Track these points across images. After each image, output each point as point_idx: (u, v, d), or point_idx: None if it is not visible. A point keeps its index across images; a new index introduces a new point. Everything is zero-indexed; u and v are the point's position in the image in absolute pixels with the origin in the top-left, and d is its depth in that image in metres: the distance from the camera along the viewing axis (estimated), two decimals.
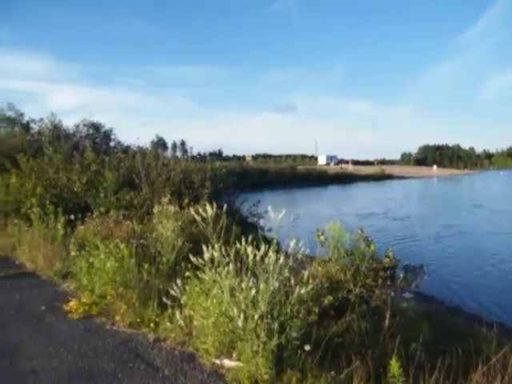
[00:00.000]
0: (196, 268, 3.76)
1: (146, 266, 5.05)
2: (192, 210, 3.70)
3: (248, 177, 43.23)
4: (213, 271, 3.44)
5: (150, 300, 4.58)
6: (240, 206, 11.21)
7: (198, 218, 3.49)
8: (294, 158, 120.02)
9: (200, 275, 3.63)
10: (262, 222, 11.11)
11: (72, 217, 7.57)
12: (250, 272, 3.32)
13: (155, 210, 7.44)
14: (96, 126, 19.84)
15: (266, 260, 3.33)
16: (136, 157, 10.67)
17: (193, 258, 3.54)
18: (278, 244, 3.50)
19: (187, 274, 3.96)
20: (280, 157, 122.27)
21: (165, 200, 7.78)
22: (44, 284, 6.09)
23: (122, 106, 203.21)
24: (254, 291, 3.23)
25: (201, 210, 3.49)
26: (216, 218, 3.59)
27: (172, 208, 7.32)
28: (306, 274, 3.58)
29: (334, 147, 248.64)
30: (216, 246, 3.39)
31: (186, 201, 9.01)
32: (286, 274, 3.38)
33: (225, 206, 3.75)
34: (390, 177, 73.25)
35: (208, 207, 3.44)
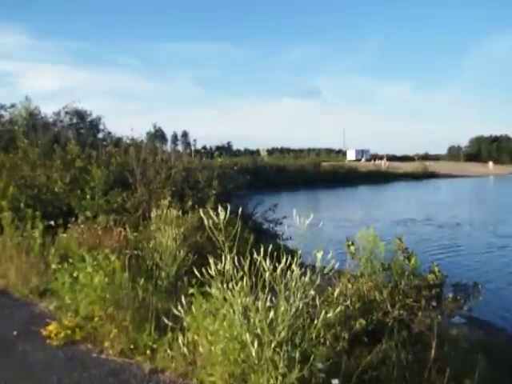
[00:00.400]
0: (201, 284, 3.76)
1: (142, 281, 5.08)
2: (201, 213, 3.71)
3: (263, 175, 43.40)
4: (223, 287, 3.46)
5: (146, 322, 4.62)
6: (254, 210, 11.34)
7: (207, 222, 3.52)
8: (318, 152, 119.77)
9: (207, 292, 3.65)
10: (278, 229, 11.17)
11: (52, 223, 7.72)
12: (267, 289, 3.31)
13: (153, 214, 7.51)
14: (81, 114, 20.13)
15: (288, 275, 3.35)
16: (129, 151, 10.86)
17: (198, 272, 3.61)
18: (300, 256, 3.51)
19: (191, 290, 3.97)
20: (301, 151, 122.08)
21: (164, 203, 7.89)
22: (17, 303, 6.10)
23: (112, 90, 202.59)
24: (272, 312, 3.22)
25: (212, 214, 3.53)
26: (226, 224, 3.60)
27: (173, 212, 7.40)
28: (334, 292, 3.60)
29: (366, 139, 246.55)
30: (228, 256, 3.42)
31: (190, 204, 9.18)
32: (312, 292, 3.40)
33: (239, 210, 3.77)
34: (434, 175, 72.72)
35: (221, 210, 3.48)
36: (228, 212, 3.54)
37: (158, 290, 5.26)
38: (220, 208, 3.51)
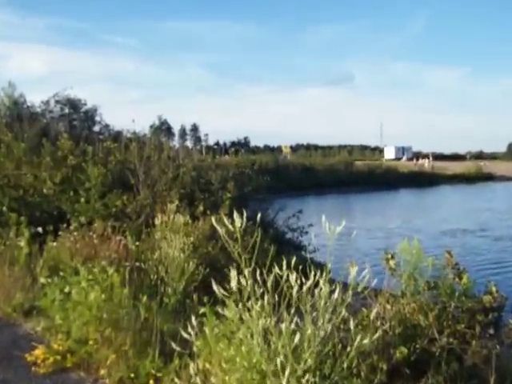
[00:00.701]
0: (214, 302, 3.76)
1: (145, 298, 5.09)
2: (214, 220, 3.68)
3: (285, 176, 43.44)
4: (240, 306, 3.42)
5: (148, 346, 4.64)
6: (275, 216, 11.46)
7: (221, 230, 3.53)
8: (350, 149, 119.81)
9: (221, 311, 3.63)
10: (303, 239, 11.13)
11: (40, 229, 7.79)
12: (292, 309, 3.30)
13: (157, 220, 7.55)
14: (74, 104, 20.32)
15: (316, 293, 3.35)
16: (131, 147, 10.99)
17: (211, 288, 3.58)
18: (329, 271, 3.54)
19: (202, 309, 4.01)
20: (330, 148, 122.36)
21: (171, 207, 7.99)
22: None
23: (109, 75, 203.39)
24: (297, 337, 3.20)
25: (226, 221, 3.53)
26: (243, 232, 3.57)
27: (181, 218, 7.47)
28: (370, 314, 3.58)
29: (408, 135, 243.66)
30: (246, 270, 3.41)
31: (201, 208, 9.33)
32: (344, 313, 3.39)
33: (258, 217, 3.78)
34: (490, 177, 71.70)
35: (237, 217, 3.44)
36: (245, 219, 3.50)
37: (163, 308, 5.30)
38: (236, 214, 3.46)
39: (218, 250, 7.86)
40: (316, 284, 3.38)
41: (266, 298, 3.36)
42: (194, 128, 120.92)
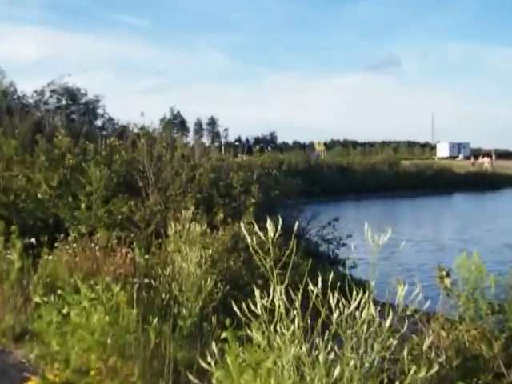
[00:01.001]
0: (237, 325, 3.76)
1: (155, 321, 5.06)
2: (242, 226, 3.69)
3: (319, 178, 43.36)
4: (268, 330, 3.41)
5: (160, 378, 4.62)
6: (307, 225, 11.45)
7: (250, 240, 3.51)
8: (396, 146, 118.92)
9: (245, 337, 3.65)
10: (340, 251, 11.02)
11: (34, 240, 7.78)
12: (329, 335, 3.29)
13: (170, 230, 7.51)
14: (72, 94, 20.39)
15: (358, 316, 3.31)
16: (139, 144, 11.14)
17: (233, 309, 3.58)
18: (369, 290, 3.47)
19: (223, 334, 3.99)
20: (372, 145, 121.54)
21: (186, 214, 7.92)
22: None
23: (114, 60, 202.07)
24: (338, 369, 3.18)
25: (257, 229, 3.50)
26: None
27: (198, 227, 7.37)
28: (422, 342, 3.54)
29: (464, 129, 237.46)
30: (278, 288, 3.37)
31: (221, 216, 9.45)
32: (391, 341, 3.35)
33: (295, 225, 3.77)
34: None
35: (270, 224, 3.44)
36: (279, 227, 3.50)
37: (176, 333, 5.31)
38: (270, 223, 3.44)
39: (241, 264, 7.88)
40: (357, 305, 3.33)
41: (297, 320, 3.33)
42: (212, 122, 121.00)
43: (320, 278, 3.37)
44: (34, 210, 9.79)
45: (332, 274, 3.48)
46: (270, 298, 3.43)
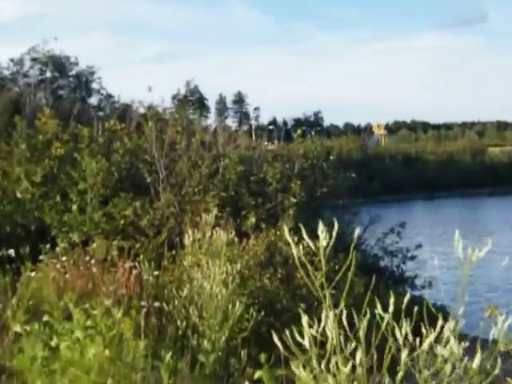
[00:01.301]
0: (276, 362, 3.75)
1: (169, 356, 4.90)
2: (286, 232, 3.17)
3: (378, 171, 42.76)
4: (316, 368, 3.04)
5: None
6: (363, 232, 10.78)
7: (296, 251, 3.00)
8: (481, 129, 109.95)
9: (286, 376, 3.69)
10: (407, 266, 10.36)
11: (12, 252, 7.40)
12: (401, 375, 2.99)
13: (187, 238, 7.21)
14: (59, 64, 19.48)
15: (437, 352, 2.98)
16: (146, 128, 10.49)
17: (270, 340, 3.28)
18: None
19: (258, 373, 3.98)
20: (449, 128, 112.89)
21: (207, 218, 7.61)
22: None
23: (112, 21, 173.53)
24: None
25: (305, 236, 2.94)
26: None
27: (222, 236, 7.09)
28: None
29: None
30: (331, 313, 2.97)
31: (252, 220, 9.18)
32: None
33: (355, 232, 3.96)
34: None
35: (322, 232, 2.91)
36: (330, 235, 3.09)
37: (196, 371, 5.13)
38: (322, 229, 2.95)
39: (278, 282, 7.60)
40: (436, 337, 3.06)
41: (360, 355, 2.99)
42: (239, 99, 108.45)
43: (392, 301, 2.96)
44: (12, 214, 9.32)
45: (397, 295, 3.17)
46: (322, 326, 3.05)
